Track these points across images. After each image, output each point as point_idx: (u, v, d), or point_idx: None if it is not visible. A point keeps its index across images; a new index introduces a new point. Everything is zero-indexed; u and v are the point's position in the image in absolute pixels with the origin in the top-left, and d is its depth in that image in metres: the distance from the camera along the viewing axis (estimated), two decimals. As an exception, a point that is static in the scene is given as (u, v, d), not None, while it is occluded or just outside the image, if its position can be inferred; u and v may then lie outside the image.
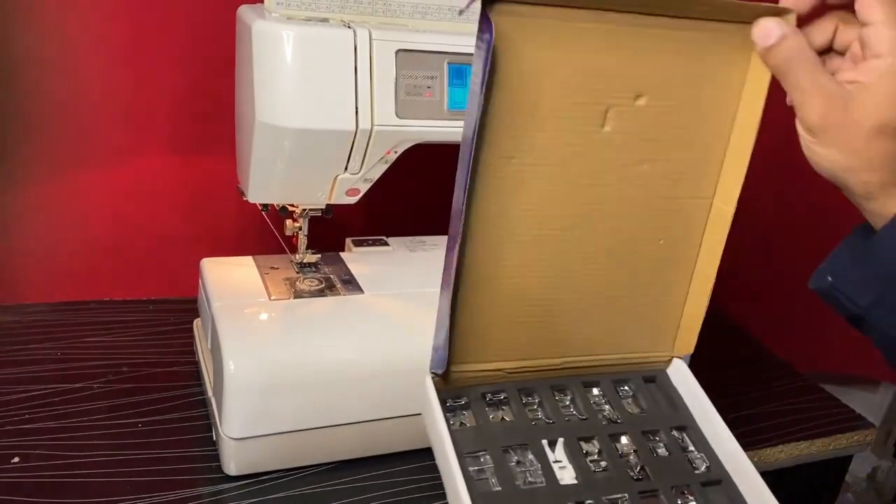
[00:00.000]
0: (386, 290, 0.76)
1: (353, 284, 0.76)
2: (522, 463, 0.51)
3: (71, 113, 0.87)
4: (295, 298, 0.73)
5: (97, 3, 0.84)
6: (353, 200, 0.73)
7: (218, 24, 0.78)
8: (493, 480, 0.50)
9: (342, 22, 0.66)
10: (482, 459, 0.51)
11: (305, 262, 0.78)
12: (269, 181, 0.69)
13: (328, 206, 0.75)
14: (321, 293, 0.74)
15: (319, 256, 0.79)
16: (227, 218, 0.96)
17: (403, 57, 0.66)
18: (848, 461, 0.90)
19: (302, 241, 0.78)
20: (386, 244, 0.87)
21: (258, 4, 0.67)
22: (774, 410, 0.86)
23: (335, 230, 0.84)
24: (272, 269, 0.78)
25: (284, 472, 0.66)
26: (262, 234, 0.90)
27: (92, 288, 0.93)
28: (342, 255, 0.83)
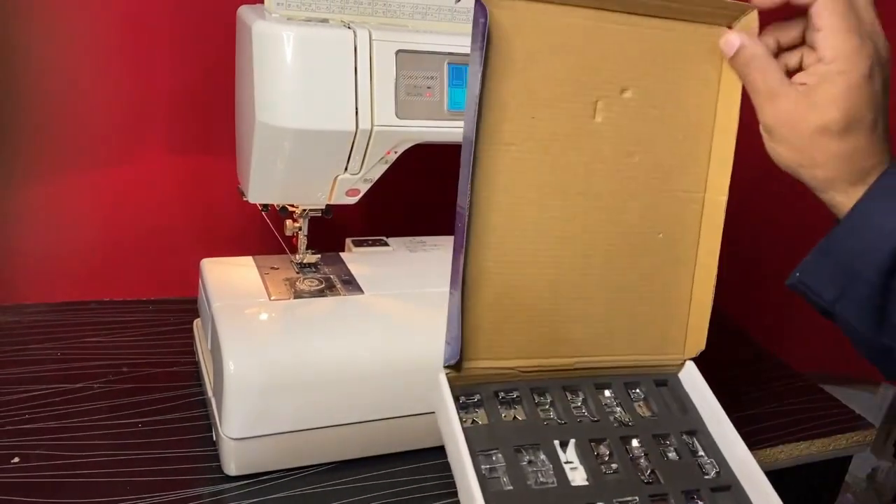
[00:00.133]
0: (386, 290, 0.76)
1: (353, 285, 0.76)
2: (534, 463, 0.52)
3: (71, 113, 0.88)
4: (295, 299, 0.73)
5: (97, 3, 0.85)
6: (353, 201, 0.73)
7: (218, 24, 0.78)
8: (504, 479, 0.50)
9: (342, 22, 0.66)
10: (494, 458, 0.51)
11: (305, 262, 0.79)
12: (269, 181, 0.69)
13: (328, 206, 0.75)
14: (321, 293, 0.74)
15: (319, 257, 0.79)
16: (227, 218, 0.96)
17: (403, 57, 0.66)
18: (848, 461, 0.90)
19: (302, 241, 0.78)
20: (386, 244, 0.87)
21: (258, 5, 0.67)
22: (774, 411, 0.86)
23: (335, 230, 0.84)
24: (272, 269, 0.78)
25: (284, 472, 0.66)
26: (262, 234, 0.90)
27: (92, 288, 0.93)
28: (342, 255, 0.83)
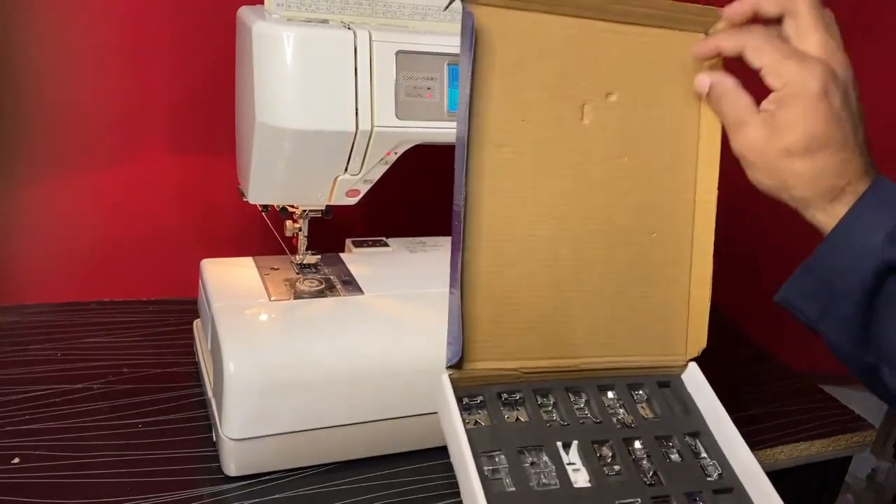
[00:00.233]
0: (386, 290, 0.76)
1: (353, 285, 0.76)
2: (537, 464, 0.52)
3: (71, 113, 0.88)
4: (295, 299, 0.73)
5: (97, 3, 0.85)
6: (353, 201, 0.73)
7: (218, 25, 0.78)
8: (507, 481, 0.50)
9: (342, 23, 0.66)
10: (497, 459, 0.51)
11: (305, 262, 0.79)
12: (269, 182, 0.69)
13: (328, 206, 0.75)
14: (321, 294, 0.74)
15: (319, 257, 0.79)
16: (227, 219, 0.97)
17: (403, 58, 0.66)
18: (847, 462, 0.90)
19: (302, 241, 0.78)
20: (386, 245, 0.87)
21: (258, 6, 0.67)
22: (774, 411, 0.86)
23: (335, 231, 0.84)
24: (272, 269, 0.78)
25: (285, 472, 0.66)
26: (262, 234, 0.90)
27: (92, 289, 0.93)
28: (342, 255, 0.83)
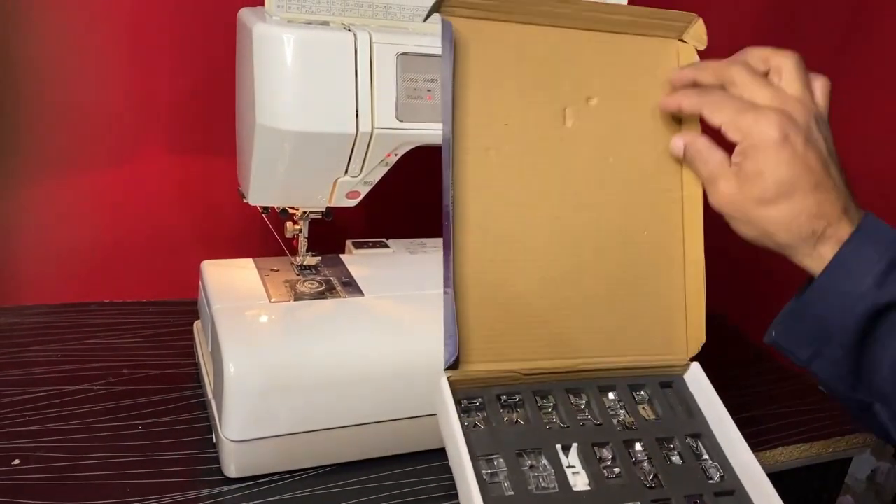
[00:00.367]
0: (386, 292, 0.76)
1: (353, 287, 0.76)
2: (536, 468, 0.51)
3: (71, 114, 0.88)
4: (295, 301, 0.73)
5: (98, 4, 0.85)
6: (353, 203, 0.73)
7: (219, 26, 0.78)
8: (506, 484, 0.49)
9: (343, 25, 0.66)
10: (495, 463, 0.51)
11: (306, 264, 0.79)
12: (269, 184, 0.69)
13: (328, 208, 0.75)
14: (321, 295, 0.74)
15: (319, 259, 0.79)
16: (227, 220, 0.96)
17: (404, 60, 0.66)
18: (848, 463, 0.90)
19: (302, 243, 0.78)
20: (386, 246, 0.87)
21: (259, 7, 0.67)
22: (774, 413, 0.86)
23: (335, 232, 0.84)
24: (272, 271, 0.78)
25: (284, 474, 0.66)
26: (262, 236, 0.90)
27: (92, 289, 0.93)
28: (342, 257, 0.83)
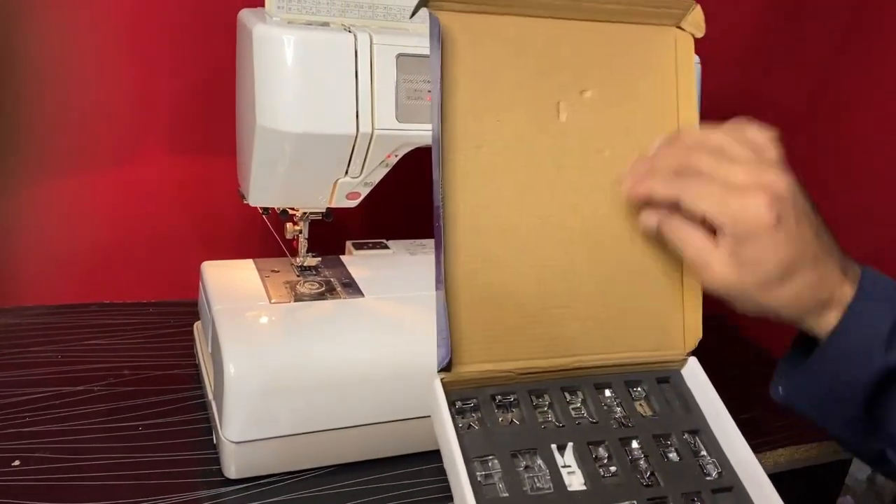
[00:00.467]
0: (386, 293, 0.76)
1: (353, 288, 0.76)
2: (531, 468, 0.51)
3: (72, 115, 0.88)
4: (295, 302, 0.73)
5: (99, 4, 0.85)
6: (353, 204, 0.73)
7: (219, 27, 0.78)
8: (500, 486, 0.49)
9: (343, 26, 0.66)
10: (490, 464, 0.50)
11: (306, 265, 0.79)
12: (269, 185, 0.69)
13: (328, 209, 0.75)
14: (321, 296, 0.74)
15: (320, 260, 0.79)
16: (227, 221, 0.96)
17: (404, 61, 0.66)
18: (848, 463, 0.90)
19: (302, 244, 0.78)
20: (386, 247, 0.87)
21: (259, 8, 0.67)
22: (774, 413, 0.86)
23: (335, 233, 0.84)
24: (272, 272, 0.78)
25: (285, 475, 0.66)
26: (262, 237, 0.90)
27: (92, 290, 0.93)
28: (342, 258, 0.83)
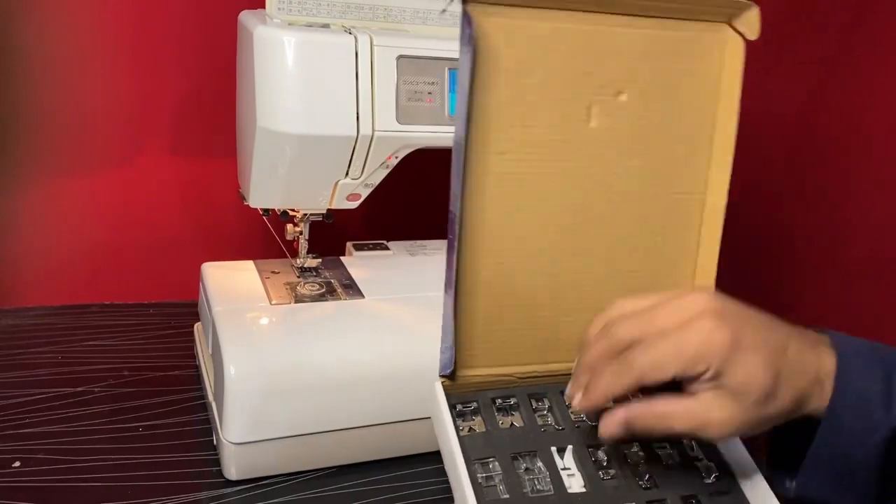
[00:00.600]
0: (387, 294, 0.76)
1: (353, 289, 0.76)
2: (531, 470, 0.51)
3: (73, 116, 0.88)
4: (296, 303, 0.73)
5: (99, 5, 0.85)
6: (353, 205, 0.73)
7: (219, 28, 0.78)
8: (501, 488, 0.50)
9: (343, 28, 0.66)
10: (491, 466, 0.51)
11: (306, 266, 0.79)
12: (270, 186, 0.69)
13: (329, 210, 0.75)
14: (322, 297, 0.74)
15: (320, 261, 0.80)
16: (228, 222, 0.97)
17: (404, 63, 0.66)
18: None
19: (303, 245, 0.78)
20: (386, 248, 0.87)
21: (260, 10, 0.68)
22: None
23: (336, 234, 0.84)
24: (273, 273, 0.78)
25: (285, 476, 0.66)
26: (262, 238, 0.90)
27: (93, 291, 0.93)
28: (343, 259, 0.84)
